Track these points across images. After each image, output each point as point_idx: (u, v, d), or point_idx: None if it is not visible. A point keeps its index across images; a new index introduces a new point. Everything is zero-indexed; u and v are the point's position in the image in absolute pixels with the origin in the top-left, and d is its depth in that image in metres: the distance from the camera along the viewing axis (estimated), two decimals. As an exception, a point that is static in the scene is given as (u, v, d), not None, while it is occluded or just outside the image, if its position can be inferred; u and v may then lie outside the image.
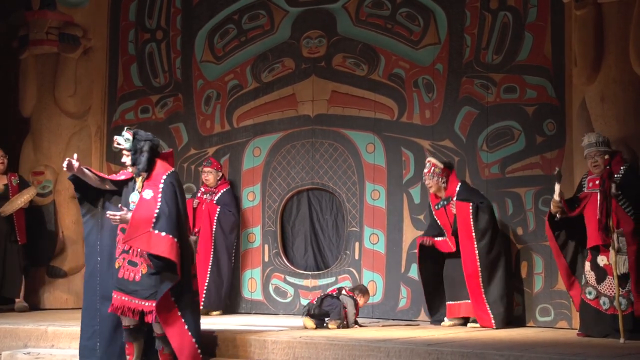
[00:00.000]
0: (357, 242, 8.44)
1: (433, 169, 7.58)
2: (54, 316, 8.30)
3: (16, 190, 9.03)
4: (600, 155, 6.78)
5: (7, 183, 9.06)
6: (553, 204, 6.84)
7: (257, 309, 8.78)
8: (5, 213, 8.88)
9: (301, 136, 8.77)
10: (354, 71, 8.57)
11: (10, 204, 8.89)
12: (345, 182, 8.56)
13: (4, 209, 8.88)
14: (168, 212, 5.94)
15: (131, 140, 6.12)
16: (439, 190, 7.62)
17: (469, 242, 7.38)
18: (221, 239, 8.62)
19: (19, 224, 9.01)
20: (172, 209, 5.97)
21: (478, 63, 8.04)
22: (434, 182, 7.58)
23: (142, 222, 5.91)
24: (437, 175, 7.57)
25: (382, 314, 8.15)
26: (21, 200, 8.90)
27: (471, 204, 7.42)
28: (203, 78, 9.27)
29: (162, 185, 6.04)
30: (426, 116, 8.24)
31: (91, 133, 9.71)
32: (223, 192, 8.76)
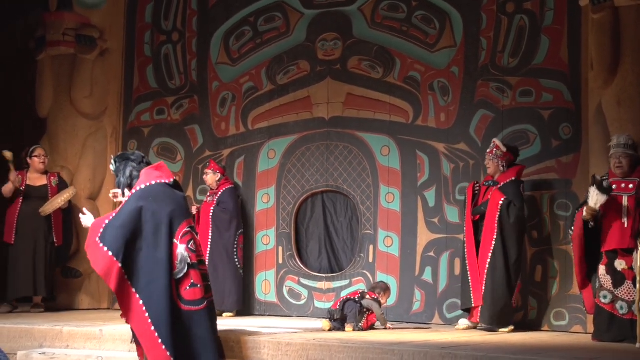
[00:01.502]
0: (371, 245, 8.42)
1: (495, 151, 7.51)
2: (69, 317, 8.32)
3: (55, 191, 9.06)
4: (625, 157, 6.74)
5: (46, 183, 9.08)
6: (588, 211, 6.71)
7: (271, 311, 8.79)
8: (45, 213, 8.90)
9: (316, 138, 8.76)
10: (370, 74, 8.56)
11: (50, 204, 8.91)
12: (359, 185, 8.55)
13: (44, 208, 8.90)
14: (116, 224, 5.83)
15: (114, 165, 6.19)
16: (495, 173, 7.55)
17: (490, 232, 7.35)
18: (216, 238, 8.57)
19: (56, 225, 9.05)
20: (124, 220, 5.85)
21: (494, 66, 8.02)
22: (494, 163, 7.51)
23: (95, 229, 5.86)
24: (498, 157, 7.50)
25: (396, 317, 8.14)
26: (61, 200, 8.93)
27: (504, 198, 7.37)
28: (218, 80, 9.28)
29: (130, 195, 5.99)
30: (441, 119, 8.23)
31: (107, 134, 9.76)
32: (223, 191, 8.73)
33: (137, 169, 6.15)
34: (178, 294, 5.91)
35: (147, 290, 5.81)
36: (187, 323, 5.90)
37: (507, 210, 7.36)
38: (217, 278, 8.41)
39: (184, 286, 5.93)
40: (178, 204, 6.08)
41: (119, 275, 5.77)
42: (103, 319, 7.73)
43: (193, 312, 5.94)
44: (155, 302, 5.81)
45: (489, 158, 7.54)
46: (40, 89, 9.69)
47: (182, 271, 5.93)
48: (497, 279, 7.33)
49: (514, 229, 7.36)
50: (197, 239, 6.15)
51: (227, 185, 8.79)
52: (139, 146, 9.64)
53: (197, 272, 6.01)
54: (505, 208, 7.37)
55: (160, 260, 5.86)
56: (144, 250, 5.86)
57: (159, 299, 5.81)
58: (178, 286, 5.92)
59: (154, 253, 5.87)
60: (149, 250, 5.86)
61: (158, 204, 5.97)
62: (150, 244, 5.88)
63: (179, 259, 5.92)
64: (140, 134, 9.70)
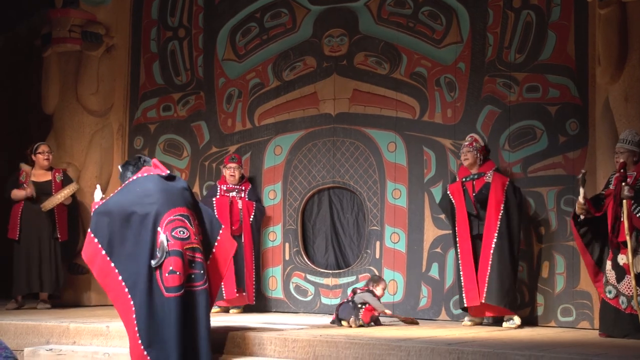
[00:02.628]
0: (378, 241, 8.42)
1: (475, 144, 7.57)
2: (76, 313, 8.33)
3: (59, 187, 9.04)
4: (624, 152, 6.74)
5: (50, 179, 9.08)
6: (578, 206, 6.81)
7: (277, 307, 8.78)
8: (46, 208, 8.89)
9: (322, 135, 8.75)
10: (376, 70, 8.55)
11: (50, 200, 8.91)
12: (366, 181, 8.55)
13: (45, 204, 8.89)
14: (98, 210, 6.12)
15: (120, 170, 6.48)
16: (472, 166, 7.60)
17: (494, 214, 7.37)
18: (257, 236, 8.69)
19: (60, 220, 9.03)
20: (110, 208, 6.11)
21: (500, 62, 8.01)
22: (473, 155, 7.55)
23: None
24: (477, 150, 7.57)
25: (403, 313, 8.10)
26: (61, 195, 8.91)
27: (509, 179, 7.48)
28: (225, 76, 9.27)
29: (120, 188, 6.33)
30: (448, 115, 8.22)
31: (113, 131, 9.73)
32: (250, 189, 8.76)
33: (133, 170, 6.37)
34: (162, 281, 5.99)
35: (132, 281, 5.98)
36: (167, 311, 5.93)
37: (513, 190, 7.43)
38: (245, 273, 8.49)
39: (164, 273, 5.99)
40: (169, 193, 6.19)
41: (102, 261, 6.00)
42: (110, 316, 7.72)
43: (171, 299, 5.93)
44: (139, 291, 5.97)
45: (468, 150, 7.58)
46: (46, 86, 9.66)
47: (160, 259, 5.99)
48: (504, 259, 7.35)
49: (518, 210, 7.42)
50: (190, 226, 6.15)
51: (249, 183, 8.82)
52: (145, 143, 9.65)
53: (178, 260, 6.01)
54: (512, 188, 7.44)
55: (143, 249, 6.01)
56: (129, 240, 6.02)
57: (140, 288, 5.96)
58: (161, 273, 5.99)
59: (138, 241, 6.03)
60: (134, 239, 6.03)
61: (145, 194, 6.14)
62: (135, 233, 6.03)
63: (160, 247, 6.01)
64: (147, 130, 9.67)
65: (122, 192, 6.25)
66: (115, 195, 6.24)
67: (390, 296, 8.25)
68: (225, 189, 8.78)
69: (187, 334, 5.96)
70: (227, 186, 8.78)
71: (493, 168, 7.59)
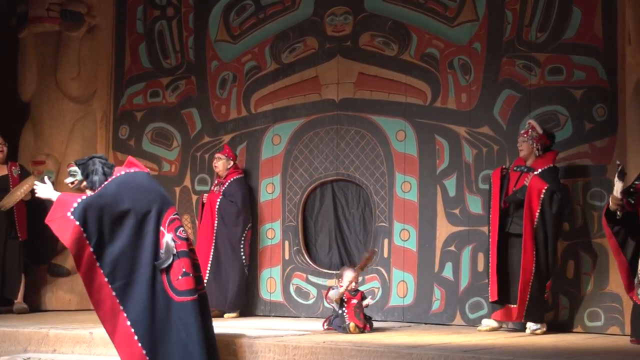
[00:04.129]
0: (386, 239, 8.44)
1: (531, 132, 7.51)
2: (56, 318, 8.33)
3: (17, 182, 9.03)
4: None
5: (7, 174, 9.08)
6: (612, 201, 6.71)
7: (276, 311, 8.81)
8: (6, 207, 8.88)
9: (325, 122, 8.76)
10: (383, 51, 8.55)
11: (9, 197, 8.89)
12: (373, 173, 8.56)
13: (3, 202, 8.87)
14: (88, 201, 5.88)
15: (78, 170, 6.18)
16: (528, 157, 7.54)
17: (531, 221, 7.31)
18: (222, 231, 8.62)
19: (19, 218, 9.02)
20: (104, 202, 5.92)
21: (520, 42, 7.99)
22: (528, 145, 7.50)
23: (64, 205, 5.86)
24: (533, 139, 7.50)
25: (414, 317, 8.14)
26: (21, 192, 8.88)
27: (547, 186, 7.34)
28: (218, 59, 9.28)
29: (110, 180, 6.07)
30: (462, 100, 8.21)
31: (96, 119, 9.76)
32: (231, 181, 8.77)
33: (107, 164, 6.22)
34: (170, 285, 5.97)
35: (124, 282, 5.87)
36: (182, 315, 5.95)
37: (549, 200, 7.33)
38: (221, 275, 8.52)
39: (175, 276, 5.98)
40: (161, 192, 6.19)
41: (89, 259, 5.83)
42: (93, 321, 7.55)
43: (188, 303, 5.98)
44: (136, 294, 5.87)
45: (523, 139, 7.53)
46: (22, 70, 9.71)
47: (166, 261, 5.97)
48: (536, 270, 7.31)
49: (554, 220, 7.34)
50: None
51: (236, 174, 8.82)
52: (131, 132, 9.70)
53: (188, 261, 6.07)
54: (548, 197, 7.33)
55: (144, 250, 5.93)
56: (123, 240, 5.91)
57: (140, 291, 5.88)
58: (169, 276, 5.96)
59: (136, 241, 5.93)
60: (130, 239, 5.92)
61: (142, 190, 6.06)
62: (133, 232, 5.93)
63: (164, 248, 5.98)
64: (133, 118, 9.69)
65: (114, 186, 6.04)
66: (107, 188, 6.02)
67: (399, 299, 8.27)
68: (215, 183, 8.88)
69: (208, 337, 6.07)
70: (218, 179, 8.88)
71: (548, 165, 7.45)
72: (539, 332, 7.30)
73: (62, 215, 5.81)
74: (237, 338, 6.66)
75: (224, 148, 8.88)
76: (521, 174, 7.51)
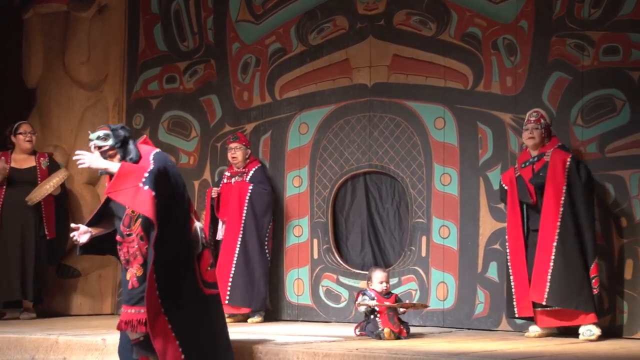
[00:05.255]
0: (424, 236, 8.43)
1: (543, 120, 7.58)
2: (66, 324, 8.35)
3: (45, 174, 9.10)
4: None
5: (35, 165, 9.14)
6: None
7: (304, 315, 8.83)
8: (33, 201, 8.94)
9: (356, 109, 8.75)
10: (420, 31, 8.53)
11: (37, 191, 8.95)
12: (409, 165, 8.54)
13: (31, 196, 8.93)
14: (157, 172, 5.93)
15: (112, 135, 6.12)
16: (536, 146, 7.58)
17: (554, 200, 7.31)
18: (251, 222, 8.65)
19: (47, 215, 9.07)
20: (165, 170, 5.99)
21: (571, 19, 7.93)
22: (539, 133, 7.55)
23: (133, 175, 5.90)
24: (544, 128, 7.58)
25: (455, 323, 8.12)
26: (50, 185, 8.94)
27: (572, 156, 7.42)
28: (239, 41, 9.29)
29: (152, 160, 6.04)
30: (507, 84, 8.18)
31: (108, 107, 9.78)
32: (256, 169, 8.81)
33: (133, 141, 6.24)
34: (201, 277, 6.09)
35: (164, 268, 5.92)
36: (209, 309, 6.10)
37: (576, 169, 7.38)
38: (249, 271, 8.56)
39: (205, 267, 6.14)
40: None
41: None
42: (106, 327, 7.79)
43: (214, 296, 6.17)
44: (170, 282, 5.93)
45: (535, 127, 7.56)
46: (27, 54, 9.73)
47: (198, 250, 6.11)
48: (570, 252, 7.27)
49: (585, 189, 7.36)
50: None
51: (257, 163, 8.88)
52: (145, 121, 9.71)
53: (210, 253, 6.26)
54: (575, 166, 7.38)
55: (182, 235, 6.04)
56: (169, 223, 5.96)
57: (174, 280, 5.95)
58: (199, 266, 6.08)
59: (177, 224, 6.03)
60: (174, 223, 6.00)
61: (177, 172, 6.19)
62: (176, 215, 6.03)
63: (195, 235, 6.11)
64: (148, 106, 9.71)
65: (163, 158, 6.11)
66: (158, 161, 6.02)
67: (439, 302, 8.26)
68: (229, 175, 8.87)
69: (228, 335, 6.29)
70: (232, 171, 8.88)
71: (556, 145, 7.56)
72: (593, 338, 7.22)
73: (135, 186, 5.86)
74: (262, 344, 6.65)
75: (240, 137, 8.90)
76: (533, 164, 7.55)
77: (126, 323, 6.02)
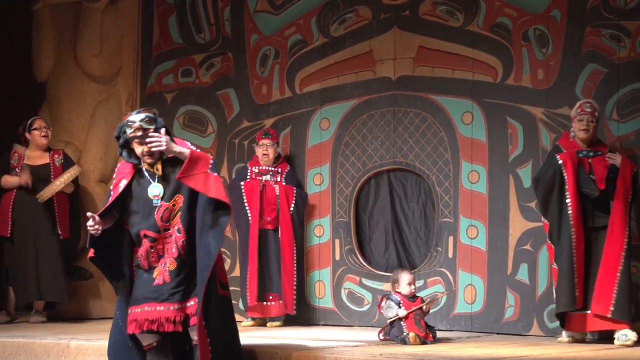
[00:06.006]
0: (450, 237, 8.44)
1: (596, 113, 7.53)
2: (78, 328, 8.39)
3: (59, 172, 9.12)
4: None
5: (48, 162, 9.16)
6: None
7: (326, 318, 8.86)
8: (43, 198, 8.95)
9: (380, 104, 8.76)
10: (447, 21, 8.54)
11: (48, 188, 8.97)
12: (435, 162, 8.55)
13: (41, 193, 8.95)
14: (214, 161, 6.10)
15: (154, 119, 6.11)
16: (587, 140, 7.52)
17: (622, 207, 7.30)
18: (299, 229, 8.81)
19: (60, 213, 9.10)
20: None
21: (607, 8, 7.92)
22: (594, 127, 7.51)
23: (201, 161, 5.96)
24: (597, 121, 7.53)
25: (483, 327, 8.13)
26: (60, 181, 8.97)
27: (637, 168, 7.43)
28: (258, 32, 9.32)
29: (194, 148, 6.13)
30: (539, 77, 8.17)
31: (121, 101, 9.80)
32: (289, 171, 8.89)
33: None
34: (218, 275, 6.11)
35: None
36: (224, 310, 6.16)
37: (637, 181, 7.41)
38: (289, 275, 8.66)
39: (220, 266, 6.18)
40: None
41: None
42: None
43: (228, 298, 6.26)
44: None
45: (590, 120, 7.50)
46: (37, 46, 9.74)
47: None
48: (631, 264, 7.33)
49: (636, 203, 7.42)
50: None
51: (287, 164, 8.95)
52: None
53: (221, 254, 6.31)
54: (636, 178, 7.41)
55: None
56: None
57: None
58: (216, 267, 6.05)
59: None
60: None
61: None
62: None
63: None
64: (162, 100, 9.73)
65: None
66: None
67: (467, 305, 8.27)
68: (257, 171, 8.85)
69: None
70: (260, 168, 8.85)
71: (607, 148, 7.53)
72: (629, 343, 7.19)
73: (204, 172, 5.94)
74: (282, 349, 6.65)
75: (272, 133, 8.91)
76: (589, 158, 7.47)
77: (152, 322, 5.93)
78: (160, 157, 6.05)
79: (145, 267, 6.03)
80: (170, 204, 5.99)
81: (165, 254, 6.00)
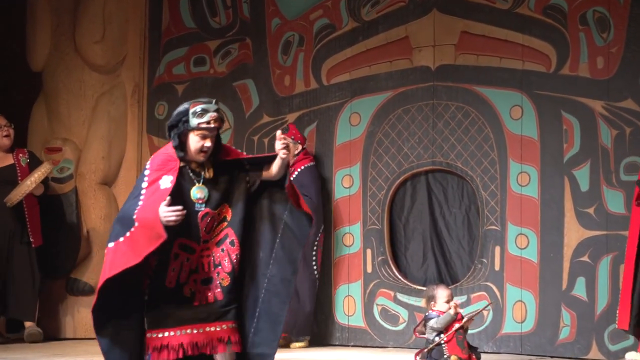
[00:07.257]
0: (497, 247, 8.36)
1: None
2: (75, 348, 8.46)
3: (26, 172, 9.11)
4: None
5: (13, 162, 9.16)
6: None
7: (356, 339, 8.82)
8: (12, 202, 8.94)
9: (418, 97, 8.70)
10: (494, 3, 8.45)
11: (16, 190, 8.95)
12: (480, 162, 8.48)
13: (10, 196, 8.93)
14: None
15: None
16: None
17: None
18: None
19: (31, 219, 9.09)
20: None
21: None
22: None
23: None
24: None
25: (535, 349, 8.05)
26: (31, 181, 8.93)
27: None
28: (280, 16, 9.32)
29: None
30: (598, 66, 8.07)
31: (126, 93, 9.80)
32: (302, 170, 8.83)
33: None
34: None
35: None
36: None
37: None
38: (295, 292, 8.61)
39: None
40: None
41: None
42: None
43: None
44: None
45: None
46: (32, 32, 9.75)
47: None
48: None
49: None
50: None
51: (307, 161, 8.91)
52: (170, 110, 9.54)
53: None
54: None
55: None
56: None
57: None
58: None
59: None
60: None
61: None
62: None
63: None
64: (173, 92, 9.72)
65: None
66: None
67: (516, 324, 8.18)
68: None
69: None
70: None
71: None
72: None
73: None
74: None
75: (290, 128, 8.89)
76: None
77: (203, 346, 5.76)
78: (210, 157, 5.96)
79: (172, 285, 5.79)
80: (216, 212, 5.80)
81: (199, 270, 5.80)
